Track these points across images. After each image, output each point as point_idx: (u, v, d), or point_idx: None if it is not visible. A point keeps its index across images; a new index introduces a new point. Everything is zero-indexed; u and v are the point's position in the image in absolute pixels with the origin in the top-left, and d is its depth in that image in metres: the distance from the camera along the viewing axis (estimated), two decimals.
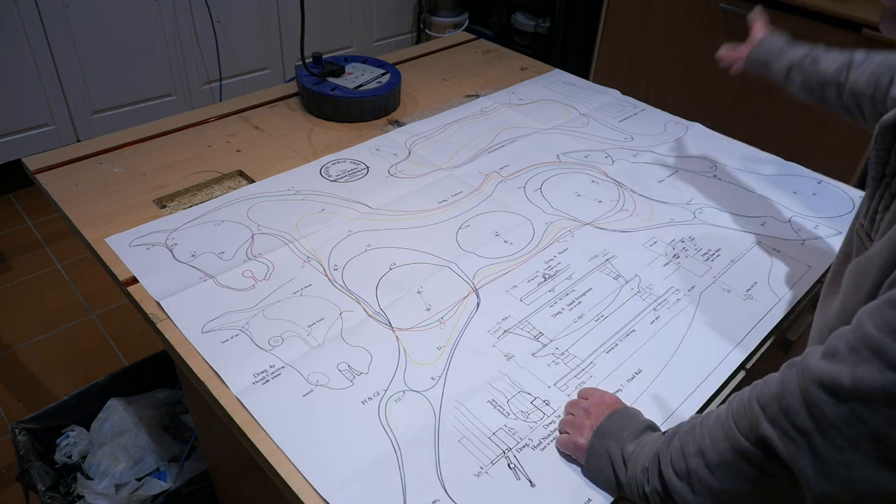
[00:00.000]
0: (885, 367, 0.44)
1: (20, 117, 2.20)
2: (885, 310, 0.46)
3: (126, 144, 1.22)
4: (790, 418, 0.48)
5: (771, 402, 0.50)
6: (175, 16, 2.38)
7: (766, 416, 0.50)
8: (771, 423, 0.50)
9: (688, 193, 1.17)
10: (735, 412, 0.54)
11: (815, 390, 0.47)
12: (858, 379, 0.45)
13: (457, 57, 1.67)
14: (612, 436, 0.67)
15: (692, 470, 0.56)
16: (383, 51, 3.07)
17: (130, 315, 1.90)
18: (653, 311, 0.91)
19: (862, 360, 0.45)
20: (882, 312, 0.46)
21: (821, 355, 0.49)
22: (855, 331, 0.47)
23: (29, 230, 2.26)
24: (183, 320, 0.84)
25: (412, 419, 0.74)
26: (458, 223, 1.06)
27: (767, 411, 0.50)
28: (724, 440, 0.54)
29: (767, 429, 0.50)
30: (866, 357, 0.45)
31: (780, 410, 0.49)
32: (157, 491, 1.28)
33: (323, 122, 1.34)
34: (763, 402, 0.51)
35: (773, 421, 0.50)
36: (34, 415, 1.35)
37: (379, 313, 0.88)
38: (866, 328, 0.46)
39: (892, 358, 0.44)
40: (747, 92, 2.17)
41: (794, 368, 0.51)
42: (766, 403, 0.51)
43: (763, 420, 0.50)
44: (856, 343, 0.47)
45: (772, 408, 0.50)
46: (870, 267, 0.52)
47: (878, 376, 0.44)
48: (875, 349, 0.45)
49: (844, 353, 0.47)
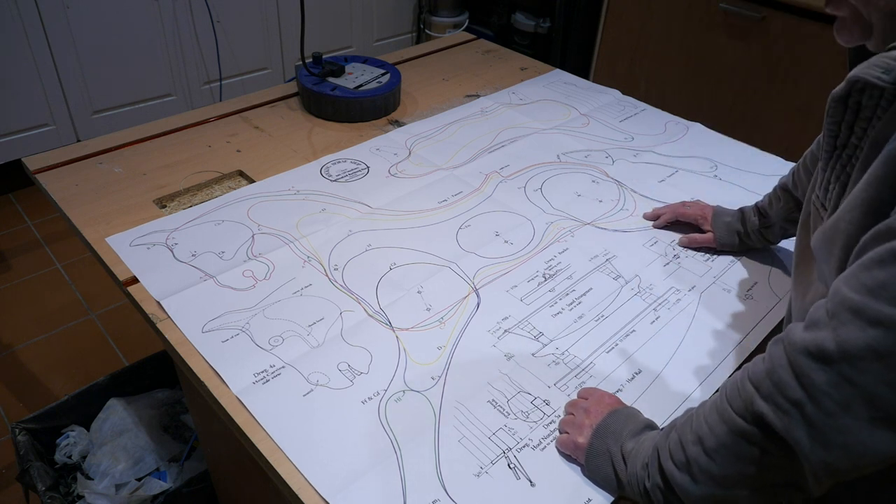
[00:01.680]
0: (866, 325, 0.45)
1: (20, 117, 2.20)
2: (859, 273, 0.47)
3: (126, 144, 1.22)
4: (782, 391, 0.49)
5: (762, 379, 0.51)
6: (175, 16, 2.38)
7: (759, 394, 0.51)
8: (765, 400, 0.51)
9: (688, 193, 1.16)
10: (729, 395, 0.55)
11: (801, 359, 0.48)
12: (842, 341, 0.46)
13: (457, 57, 1.67)
14: (612, 435, 0.67)
15: (692, 459, 0.56)
16: (383, 51, 3.07)
17: (130, 315, 1.90)
18: (653, 311, 0.91)
19: (843, 323, 0.47)
20: (857, 276, 0.47)
21: (803, 327, 0.50)
22: (833, 297, 0.49)
23: (29, 230, 2.26)
24: (183, 320, 0.84)
25: (412, 419, 0.74)
26: (458, 223, 1.06)
27: (761, 389, 0.51)
28: (720, 423, 0.54)
29: (762, 405, 0.51)
30: (847, 319, 0.46)
31: (771, 385, 0.50)
32: (157, 491, 1.28)
33: (323, 122, 1.34)
34: (755, 380, 0.52)
35: (766, 397, 0.51)
36: (34, 415, 1.35)
37: (379, 313, 0.88)
38: (843, 293, 0.48)
39: (873, 315, 0.45)
40: (747, 92, 2.17)
41: (779, 344, 0.52)
42: (758, 381, 0.52)
43: (757, 397, 0.51)
44: (835, 309, 0.48)
45: (764, 384, 0.51)
46: (835, 237, 0.54)
47: (860, 335, 0.45)
48: (855, 310, 0.46)
49: (825, 320, 0.48)
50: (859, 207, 0.51)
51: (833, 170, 0.59)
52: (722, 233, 1.01)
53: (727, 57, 2.17)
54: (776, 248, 1.04)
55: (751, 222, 0.98)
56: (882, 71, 0.51)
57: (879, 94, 0.53)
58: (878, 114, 0.53)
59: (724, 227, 1.01)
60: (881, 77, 0.51)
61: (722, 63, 2.20)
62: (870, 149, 0.53)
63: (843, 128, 0.57)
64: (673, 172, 1.23)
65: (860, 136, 0.55)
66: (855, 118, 0.55)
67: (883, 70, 0.51)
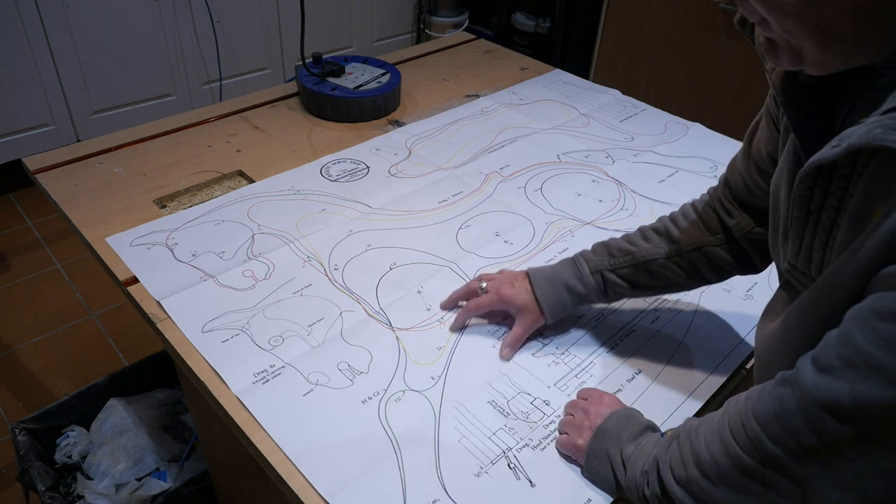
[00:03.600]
0: (888, 385, 0.43)
1: (20, 117, 2.20)
2: (873, 321, 0.44)
3: (126, 144, 1.22)
4: (795, 437, 0.48)
5: (770, 421, 0.49)
6: (175, 16, 2.38)
7: (767, 435, 0.49)
8: (774, 442, 0.49)
9: (688, 194, 1.16)
10: (732, 427, 0.53)
11: (816, 410, 0.46)
12: (860, 398, 0.44)
13: (457, 57, 1.67)
14: (612, 437, 0.67)
15: (693, 479, 0.55)
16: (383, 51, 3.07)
17: (130, 315, 1.90)
18: (653, 311, 0.91)
19: (861, 378, 0.44)
20: (871, 325, 0.44)
21: (814, 370, 0.47)
22: (846, 343, 0.46)
23: (29, 230, 2.26)
24: (183, 320, 0.84)
25: (412, 419, 0.74)
26: (458, 223, 1.06)
27: (768, 430, 0.49)
28: (724, 456, 0.53)
29: (772, 448, 0.49)
30: (866, 374, 0.44)
31: (782, 430, 0.48)
32: (157, 491, 1.28)
33: (323, 122, 1.34)
34: (761, 420, 0.50)
35: (775, 440, 0.49)
36: (34, 415, 1.35)
37: (379, 313, 0.88)
38: (858, 343, 0.45)
39: (893, 374, 0.42)
40: (747, 92, 2.17)
41: (789, 386, 0.49)
42: (765, 422, 0.50)
43: (765, 439, 0.49)
44: (850, 358, 0.45)
45: (772, 427, 0.49)
46: (835, 300, 0.50)
47: (881, 393, 0.43)
48: (874, 367, 0.43)
49: (840, 369, 0.46)
50: (860, 275, 0.47)
51: (815, 236, 0.54)
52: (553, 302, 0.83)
53: (727, 57, 2.17)
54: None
55: (605, 280, 0.83)
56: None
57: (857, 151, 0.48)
58: (857, 170, 0.49)
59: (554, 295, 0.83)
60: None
61: (722, 63, 2.20)
62: (859, 209, 0.49)
63: (818, 192, 0.52)
64: (673, 172, 1.23)
65: (839, 197, 0.51)
66: (830, 180, 0.51)
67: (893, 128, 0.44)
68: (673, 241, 0.80)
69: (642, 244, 0.82)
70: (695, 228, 0.80)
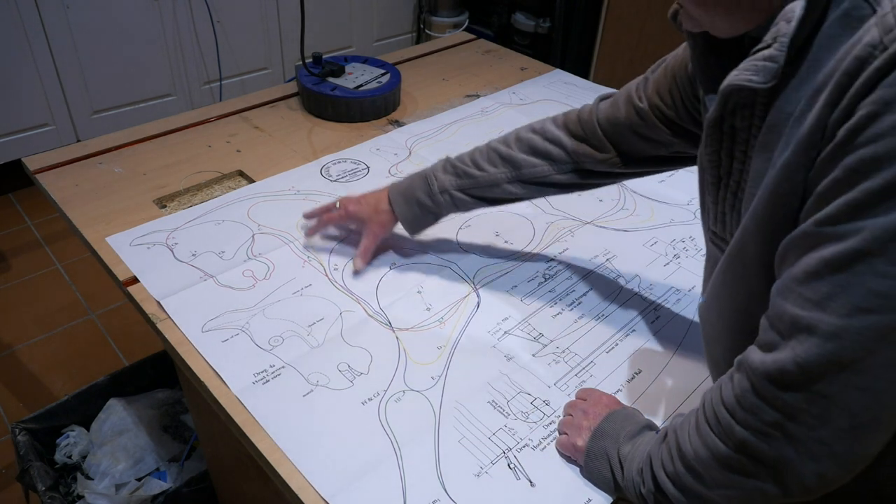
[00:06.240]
0: (823, 341, 0.45)
1: (20, 117, 2.20)
2: (796, 288, 0.47)
3: (126, 144, 1.22)
4: (757, 415, 0.49)
5: (734, 406, 0.51)
6: (175, 16, 2.38)
7: (735, 420, 0.51)
8: (742, 426, 0.51)
9: (688, 193, 1.16)
10: (708, 417, 0.55)
11: (766, 385, 0.48)
12: (803, 361, 0.46)
13: (457, 57, 1.67)
14: (610, 437, 0.67)
15: (681, 473, 0.57)
16: (383, 51, 3.07)
17: (130, 315, 1.90)
18: (653, 311, 0.91)
19: (798, 343, 0.46)
20: (795, 291, 0.47)
21: (759, 350, 0.50)
22: (779, 317, 0.48)
23: (29, 230, 2.26)
24: (183, 320, 0.84)
25: (412, 419, 0.74)
26: (458, 223, 1.06)
27: (735, 415, 0.51)
28: (703, 448, 0.54)
29: (741, 432, 0.51)
30: (801, 339, 0.46)
31: (744, 411, 0.50)
32: (157, 491, 1.28)
33: (323, 122, 1.34)
34: (728, 405, 0.52)
35: (743, 423, 0.50)
36: (34, 415, 1.35)
37: (379, 313, 0.88)
38: (789, 312, 0.47)
39: (827, 330, 0.45)
40: None
41: (742, 370, 0.51)
42: (731, 407, 0.52)
43: (734, 424, 0.51)
44: (785, 328, 0.48)
45: (737, 411, 0.51)
46: (745, 258, 0.54)
47: (819, 351, 0.45)
48: (808, 328, 0.46)
49: (779, 341, 0.48)
50: (762, 232, 0.51)
51: (725, 200, 0.59)
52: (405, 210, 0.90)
53: None
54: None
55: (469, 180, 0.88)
56: (752, 73, 0.49)
57: (751, 112, 0.52)
58: (752, 132, 0.53)
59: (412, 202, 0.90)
60: (752, 79, 0.49)
61: None
62: (756, 168, 0.53)
63: (724, 156, 0.57)
64: (673, 172, 1.23)
65: (742, 161, 0.55)
66: (732, 144, 0.55)
67: (753, 72, 0.49)
68: (515, 167, 0.86)
69: (487, 168, 0.87)
70: (538, 157, 0.86)
